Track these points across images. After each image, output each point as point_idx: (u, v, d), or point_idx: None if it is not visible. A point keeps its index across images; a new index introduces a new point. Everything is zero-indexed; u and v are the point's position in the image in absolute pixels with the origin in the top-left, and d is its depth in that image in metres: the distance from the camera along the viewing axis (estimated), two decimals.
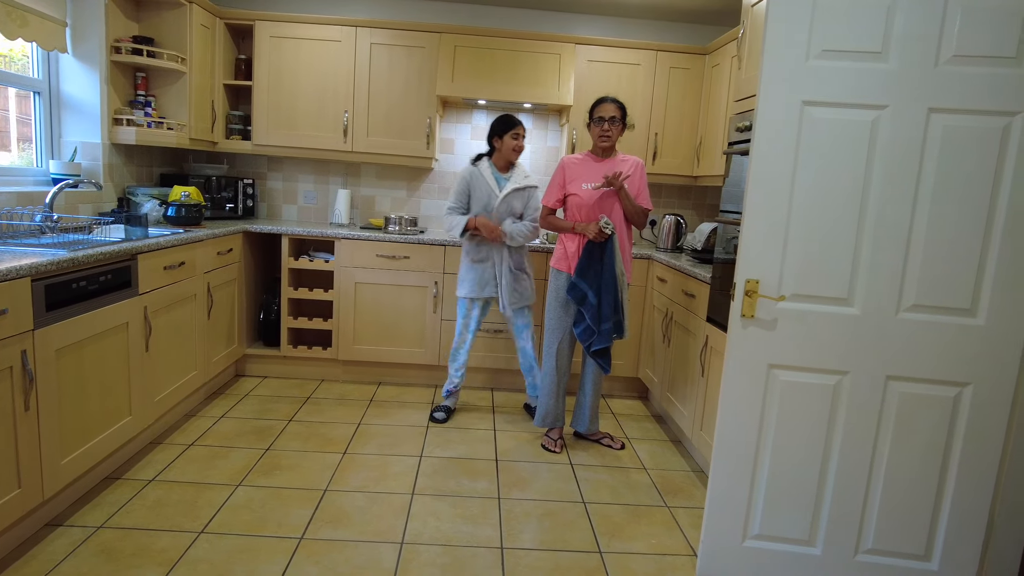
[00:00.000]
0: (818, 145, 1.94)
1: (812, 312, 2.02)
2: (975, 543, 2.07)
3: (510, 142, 3.25)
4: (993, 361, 1.98)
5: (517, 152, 3.27)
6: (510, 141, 3.24)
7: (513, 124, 3.25)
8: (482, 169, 3.31)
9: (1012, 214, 1.90)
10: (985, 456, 2.02)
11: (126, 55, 3.34)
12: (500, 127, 3.26)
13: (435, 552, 2.26)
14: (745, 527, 2.15)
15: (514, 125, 3.25)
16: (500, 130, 3.26)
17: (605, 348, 3.02)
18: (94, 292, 2.37)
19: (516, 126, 3.25)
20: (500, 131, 3.27)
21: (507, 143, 3.25)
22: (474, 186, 3.29)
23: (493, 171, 3.31)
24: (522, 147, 3.28)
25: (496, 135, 3.28)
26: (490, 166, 3.32)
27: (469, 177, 3.31)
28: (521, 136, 3.26)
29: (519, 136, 3.25)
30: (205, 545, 2.21)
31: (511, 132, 3.24)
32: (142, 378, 2.73)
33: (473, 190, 3.29)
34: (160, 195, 3.57)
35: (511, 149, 3.25)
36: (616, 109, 3.01)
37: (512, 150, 3.25)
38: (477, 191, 3.28)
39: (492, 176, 3.29)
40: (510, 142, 3.25)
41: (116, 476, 2.64)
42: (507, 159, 3.29)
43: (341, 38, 3.94)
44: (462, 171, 3.35)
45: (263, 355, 3.98)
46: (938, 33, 1.86)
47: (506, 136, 3.25)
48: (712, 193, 4.54)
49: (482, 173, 3.30)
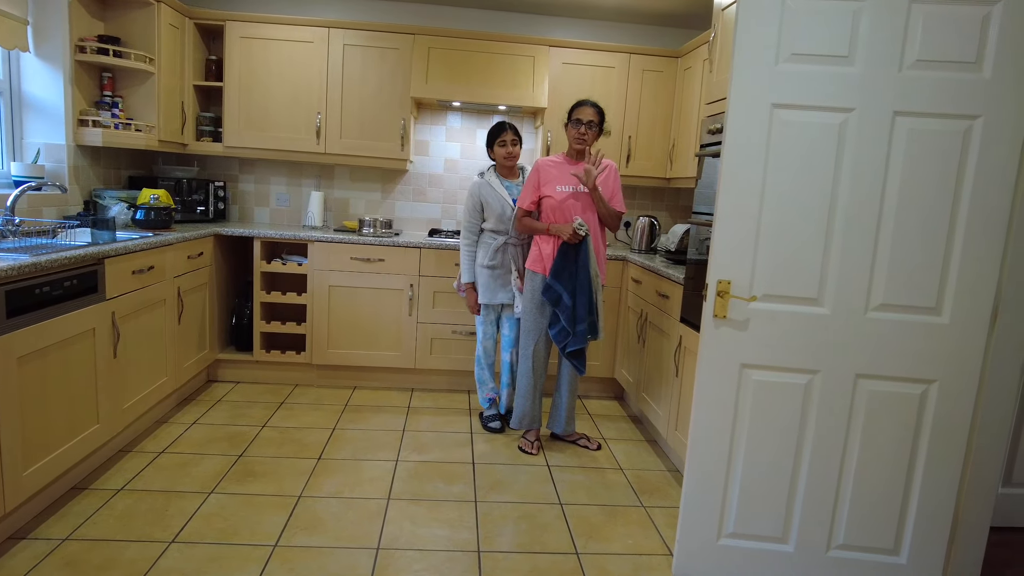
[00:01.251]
0: (788, 147, 1.97)
1: (783, 312, 2.05)
2: (941, 536, 2.12)
3: (499, 151, 3.26)
4: (957, 359, 2.02)
5: (509, 158, 3.27)
6: (499, 150, 3.26)
7: (499, 132, 3.25)
8: (489, 180, 3.30)
9: (974, 215, 1.95)
10: (950, 451, 2.07)
11: (91, 55, 3.27)
12: (489, 139, 3.30)
13: (411, 557, 2.25)
14: (720, 526, 2.18)
15: (500, 133, 3.25)
16: (489, 141, 3.31)
17: (580, 349, 3.03)
18: (59, 298, 2.31)
19: (502, 133, 3.24)
20: (490, 142, 3.30)
21: (497, 152, 3.28)
22: (485, 198, 3.27)
23: (500, 180, 3.31)
24: (512, 152, 3.26)
25: (488, 147, 3.32)
26: (496, 176, 3.32)
27: (478, 190, 3.29)
28: (508, 143, 3.24)
29: (505, 143, 3.24)
30: (176, 555, 2.17)
31: (498, 140, 3.25)
32: (110, 385, 2.67)
33: (485, 202, 3.27)
34: (128, 198, 3.50)
35: (502, 157, 3.27)
36: (595, 114, 3.02)
37: (503, 158, 3.26)
38: (490, 202, 3.26)
39: (500, 185, 3.28)
40: (499, 151, 3.26)
41: (83, 486, 2.58)
42: (504, 166, 3.29)
43: (313, 39, 3.90)
44: (471, 187, 3.33)
45: (236, 360, 3.92)
46: (902, 38, 1.90)
47: (495, 146, 3.28)
48: (685, 195, 4.58)
49: (490, 183, 3.29)
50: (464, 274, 3.36)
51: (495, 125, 3.28)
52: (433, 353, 3.92)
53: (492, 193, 3.26)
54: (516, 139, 3.26)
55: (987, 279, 1.98)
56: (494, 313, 3.42)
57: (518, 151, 3.28)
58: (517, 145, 3.27)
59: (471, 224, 3.32)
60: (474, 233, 3.33)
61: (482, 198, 3.27)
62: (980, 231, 1.96)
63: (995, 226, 1.96)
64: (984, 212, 1.95)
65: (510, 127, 3.25)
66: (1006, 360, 2.05)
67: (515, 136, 3.26)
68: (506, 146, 3.24)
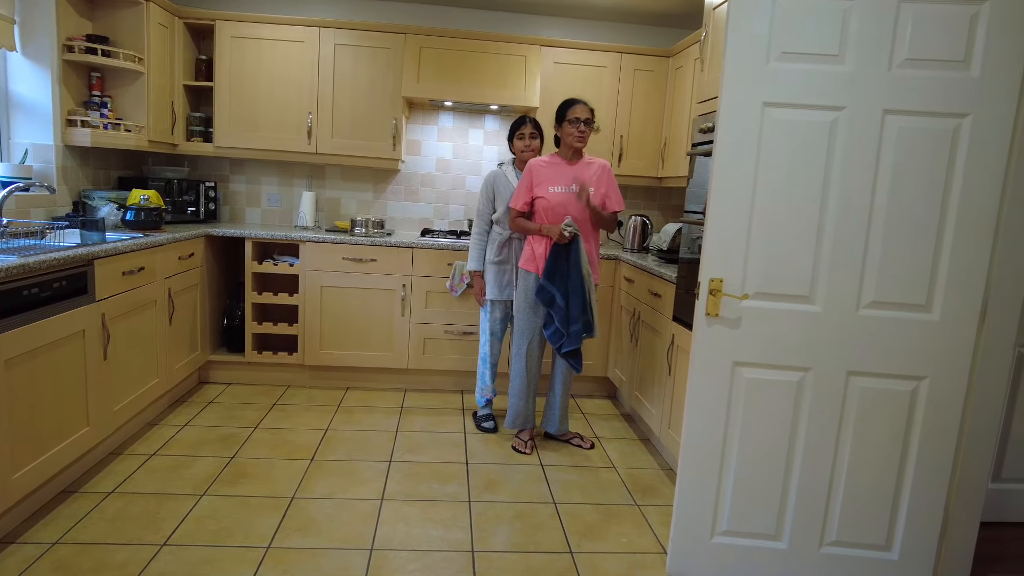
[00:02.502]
0: (779, 146, 1.98)
1: (775, 310, 2.05)
2: (932, 532, 2.13)
3: (517, 143, 3.27)
4: (947, 355, 2.04)
5: (529, 152, 3.25)
6: (517, 143, 3.27)
7: (519, 125, 3.26)
8: (505, 171, 3.32)
9: (963, 213, 1.97)
10: (941, 447, 2.09)
11: (79, 54, 3.24)
12: (510, 132, 3.30)
13: (405, 558, 2.24)
14: (713, 524, 2.18)
15: (520, 126, 3.26)
16: (510, 136, 3.31)
17: (576, 349, 3.03)
18: (47, 299, 2.29)
19: (521, 127, 3.25)
20: (510, 136, 3.31)
21: (516, 145, 3.28)
22: (497, 187, 3.28)
23: (516, 173, 3.30)
24: (529, 145, 3.25)
25: (509, 140, 3.32)
26: (513, 168, 3.32)
27: (492, 179, 3.30)
28: (527, 136, 3.24)
29: (523, 136, 3.25)
30: (168, 557, 2.15)
31: (517, 133, 3.26)
32: (100, 387, 2.65)
33: (497, 191, 3.28)
34: (118, 199, 3.48)
35: (520, 150, 3.27)
36: (589, 111, 3.03)
37: (520, 151, 3.27)
38: (502, 192, 3.27)
39: (515, 177, 3.28)
40: (517, 143, 3.27)
41: (73, 489, 2.55)
42: (521, 160, 3.29)
43: (304, 39, 3.88)
44: (486, 176, 3.35)
45: (227, 361, 3.90)
46: (891, 37, 1.91)
47: (514, 139, 3.28)
48: (677, 194, 4.59)
49: (505, 174, 3.30)
50: (471, 262, 3.38)
51: (517, 119, 3.29)
52: (426, 353, 3.92)
53: (505, 183, 3.27)
54: (535, 133, 3.27)
55: (976, 276, 2.00)
56: (501, 311, 3.39)
57: (537, 145, 3.28)
58: (536, 139, 3.27)
59: (483, 212, 3.34)
60: (485, 222, 3.34)
61: (495, 187, 3.29)
62: (969, 229, 1.98)
63: (984, 224, 1.97)
64: (973, 210, 1.97)
65: (531, 121, 3.26)
66: (995, 356, 2.06)
67: (534, 130, 3.26)
68: (524, 139, 3.25)
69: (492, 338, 3.41)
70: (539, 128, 3.28)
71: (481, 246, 3.36)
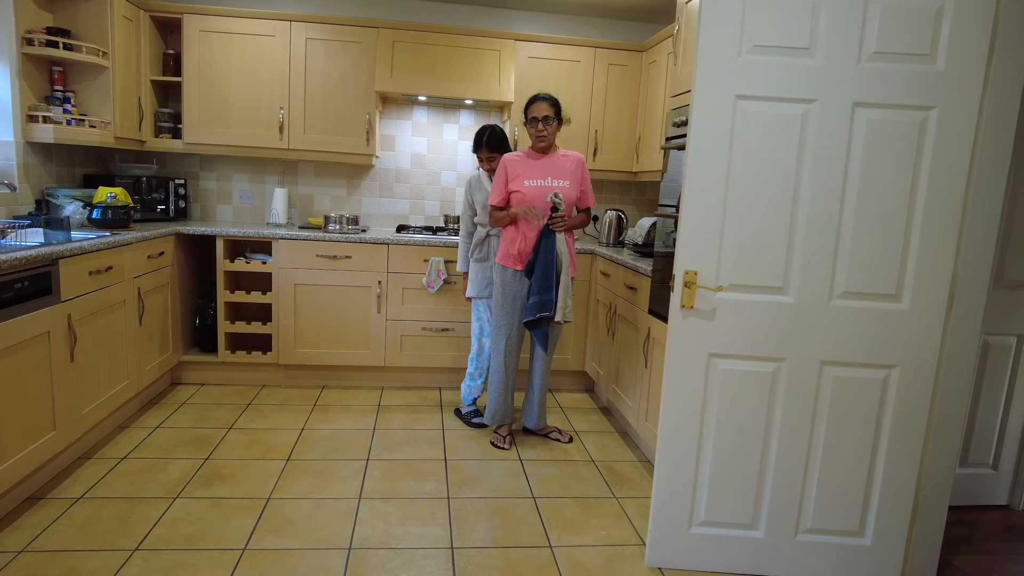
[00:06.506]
0: (751, 138, 1.99)
1: (749, 301, 2.08)
2: (903, 517, 2.18)
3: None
4: (917, 343, 2.08)
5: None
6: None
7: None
8: (480, 174, 3.34)
9: (930, 204, 2.01)
10: (911, 435, 2.13)
11: (39, 47, 3.14)
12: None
13: (384, 556, 2.22)
14: (691, 514, 2.20)
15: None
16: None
17: (531, 320, 3.02)
18: (9, 300, 2.23)
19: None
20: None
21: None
22: (473, 191, 3.33)
23: (488, 177, 3.30)
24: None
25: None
26: (486, 173, 3.33)
27: (468, 183, 3.36)
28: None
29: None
30: (140, 563, 2.11)
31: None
32: (67, 390, 2.58)
33: (473, 195, 3.33)
34: (83, 197, 3.39)
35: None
36: (549, 107, 3.01)
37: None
38: (477, 196, 3.32)
39: (488, 181, 3.29)
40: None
41: (40, 496, 2.49)
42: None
43: (275, 33, 3.82)
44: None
45: (200, 362, 3.83)
46: (860, 30, 1.94)
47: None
48: (651, 188, 4.62)
49: (479, 178, 3.32)
50: (459, 263, 3.47)
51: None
52: (403, 350, 3.89)
53: (479, 186, 3.30)
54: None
55: (943, 266, 2.04)
56: (486, 308, 3.39)
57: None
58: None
59: (465, 215, 3.40)
60: (468, 224, 3.40)
61: (471, 191, 3.33)
62: (936, 219, 2.02)
63: (950, 214, 2.02)
64: (940, 201, 2.01)
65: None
66: (962, 344, 2.11)
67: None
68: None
69: (481, 336, 3.42)
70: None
71: (464, 247, 3.44)
